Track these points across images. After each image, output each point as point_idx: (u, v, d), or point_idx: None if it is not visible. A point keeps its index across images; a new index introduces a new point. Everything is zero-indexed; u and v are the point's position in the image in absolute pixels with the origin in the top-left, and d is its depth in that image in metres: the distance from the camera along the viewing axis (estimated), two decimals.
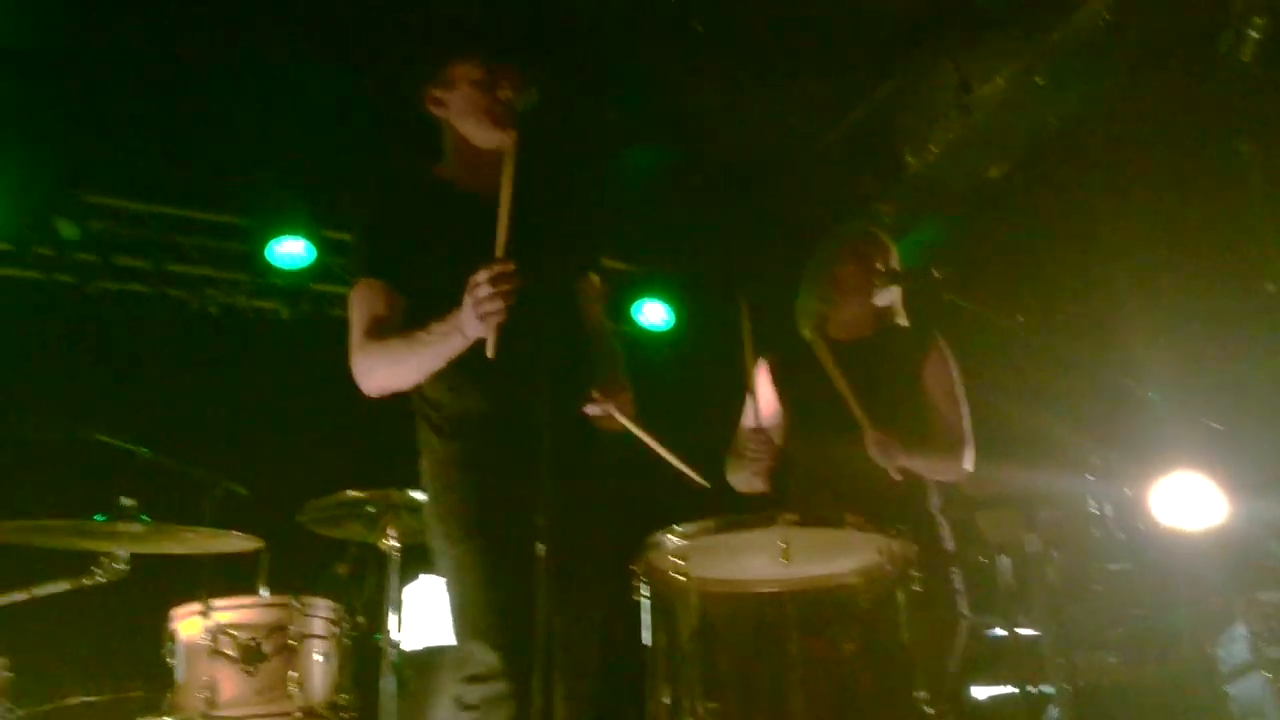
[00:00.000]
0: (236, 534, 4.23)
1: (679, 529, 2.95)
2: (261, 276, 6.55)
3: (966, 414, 3.79)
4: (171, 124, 5.74)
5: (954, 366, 3.83)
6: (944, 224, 6.19)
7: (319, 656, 4.08)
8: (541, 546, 2.59)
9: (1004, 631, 4.51)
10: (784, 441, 3.87)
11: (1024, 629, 4.48)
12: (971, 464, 3.76)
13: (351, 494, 4.34)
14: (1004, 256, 5.68)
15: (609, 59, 5.50)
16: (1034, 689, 4.33)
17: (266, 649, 3.97)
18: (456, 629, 2.87)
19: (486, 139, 3.05)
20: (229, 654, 3.93)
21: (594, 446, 3.00)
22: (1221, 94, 4.85)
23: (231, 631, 3.95)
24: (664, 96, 5.86)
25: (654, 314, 7.32)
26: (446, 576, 2.92)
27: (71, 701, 4.47)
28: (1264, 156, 4.83)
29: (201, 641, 3.93)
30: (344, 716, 4.11)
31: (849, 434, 3.62)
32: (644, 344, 7.38)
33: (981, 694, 4.67)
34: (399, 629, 4.40)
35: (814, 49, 5.57)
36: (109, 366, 6.04)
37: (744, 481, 3.82)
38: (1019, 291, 5.21)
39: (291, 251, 6.37)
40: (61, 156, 5.94)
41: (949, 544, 3.72)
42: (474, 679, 2.76)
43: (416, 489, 3.57)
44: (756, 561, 2.97)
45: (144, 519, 4.02)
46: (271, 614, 4.05)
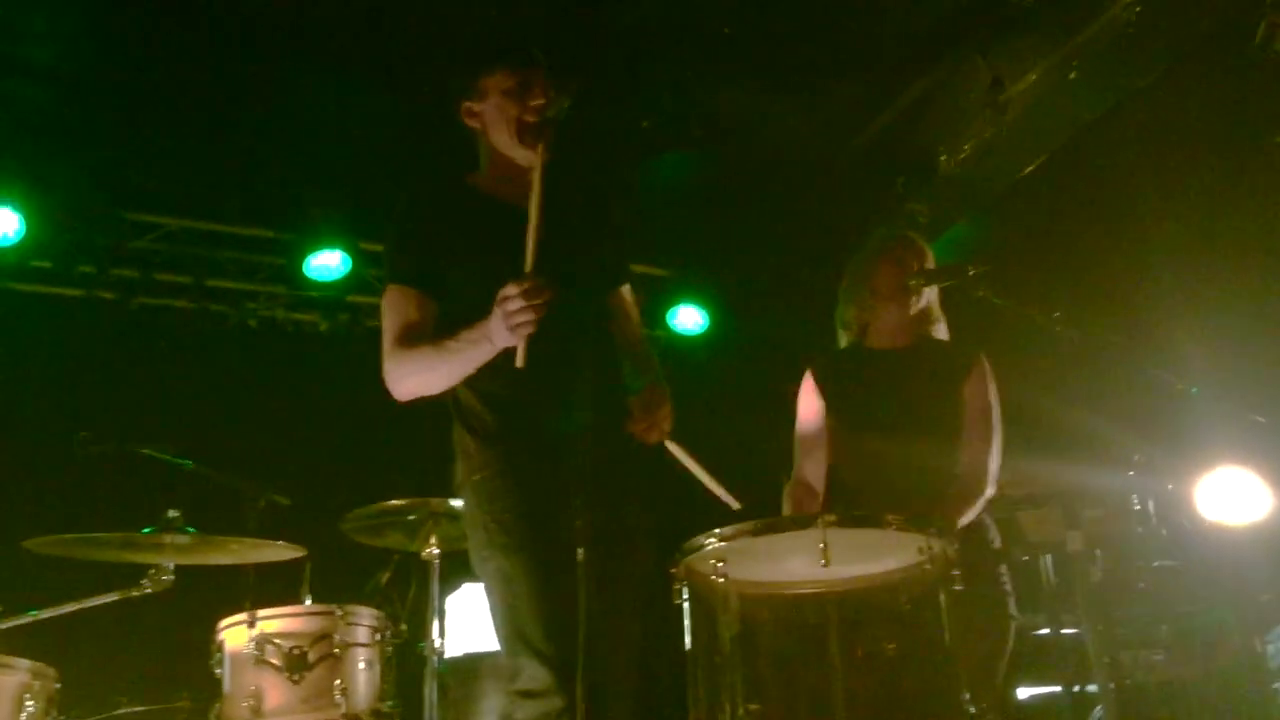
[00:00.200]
0: (280, 544, 4.27)
1: (718, 532, 2.95)
2: (299, 289, 6.62)
3: (998, 442, 3.72)
4: (208, 141, 5.82)
5: (994, 389, 3.77)
6: (979, 223, 6.16)
7: (363, 664, 4.10)
8: (580, 551, 2.60)
9: (1048, 631, 4.48)
10: (831, 446, 3.87)
11: (1068, 628, 4.44)
12: (994, 488, 3.71)
13: (393, 502, 4.37)
14: (1040, 253, 5.64)
15: (640, 65, 5.51)
16: (1079, 688, 4.29)
17: (311, 657, 3.99)
18: (505, 641, 2.87)
19: (517, 153, 3.07)
20: (274, 663, 3.96)
21: (630, 455, 3.01)
22: (1257, 87, 4.81)
23: (276, 641, 3.98)
24: (696, 101, 5.87)
25: (689, 319, 7.33)
26: (492, 586, 2.92)
27: (119, 712, 4.51)
28: None
29: (247, 651, 3.96)
30: None
31: (895, 437, 3.61)
32: (679, 348, 7.39)
33: (1025, 694, 4.65)
34: (441, 636, 4.43)
35: (845, 50, 5.56)
36: (152, 381, 6.12)
37: (798, 505, 3.82)
38: (1056, 288, 5.17)
39: (328, 264, 6.43)
40: (102, 175, 6.03)
41: (997, 542, 3.70)
42: (527, 695, 2.77)
43: (457, 497, 3.59)
44: (796, 563, 2.96)
45: (190, 530, 4.07)
46: (315, 623, 4.07)
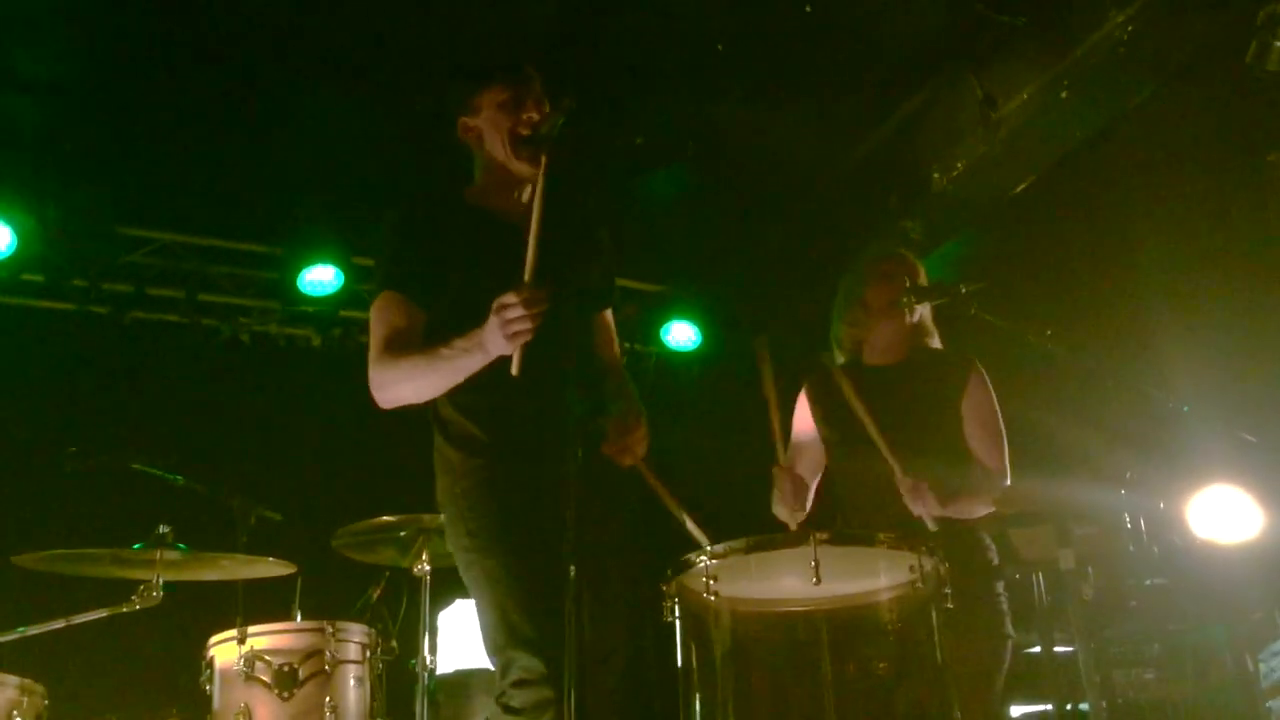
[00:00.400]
0: (271, 560, 4.26)
1: (710, 549, 2.95)
2: (292, 304, 6.61)
3: (1004, 445, 3.77)
4: (201, 155, 5.82)
5: (993, 394, 3.80)
6: (971, 240, 6.17)
7: (353, 681, 4.09)
8: (572, 566, 2.60)
9: (1040, 649, 4.47)
10: (830, 463, 3.89)
11: (1060, 646, 4.44)
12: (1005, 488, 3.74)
13: (384, 519, 4.36)
14: (1032, 271, 5.65)
15: (634, 82, 5.52)
16: (1071, 707, 4.29)
17: (301, 674, 3.98)
18: (494, 637, 2.87)
19: (513, 165, 3.09)
20: (264, 680, 3.95)
21: (614, 471, 3.02)
22: (1248, 105, 4.83)
23: (267, 657, 3.97)
24: (690, 117, 5.89)
25: (682, 334, 7.33)
26: (479, 589, 2.93)
27: None
28: None
29: (237, 668, 3.95)
30: None
31: (895, 453, 3.61)
32: (672, 364, 7.39)
33: (1018, 712, 4.64)
34: (432, 653, 4.42)
35: (838, 68, 5.58)
36: (144, 395, 6.12)
37: (788, 517, 3.82)
38: (1048, 306, 5.18)
39: (321, 279, 6.43)
40: (95, 189, 6.03)
41: (995, 560, 3.70)
42: (520, 684, 2.78)
43: (439, 511, 3.59)
44: (788, 581, 2.96)
45: (180, 546, 4.06)
46: (306, 639, 4.07)
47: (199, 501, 4.64)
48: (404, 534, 4.41)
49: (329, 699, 3.97)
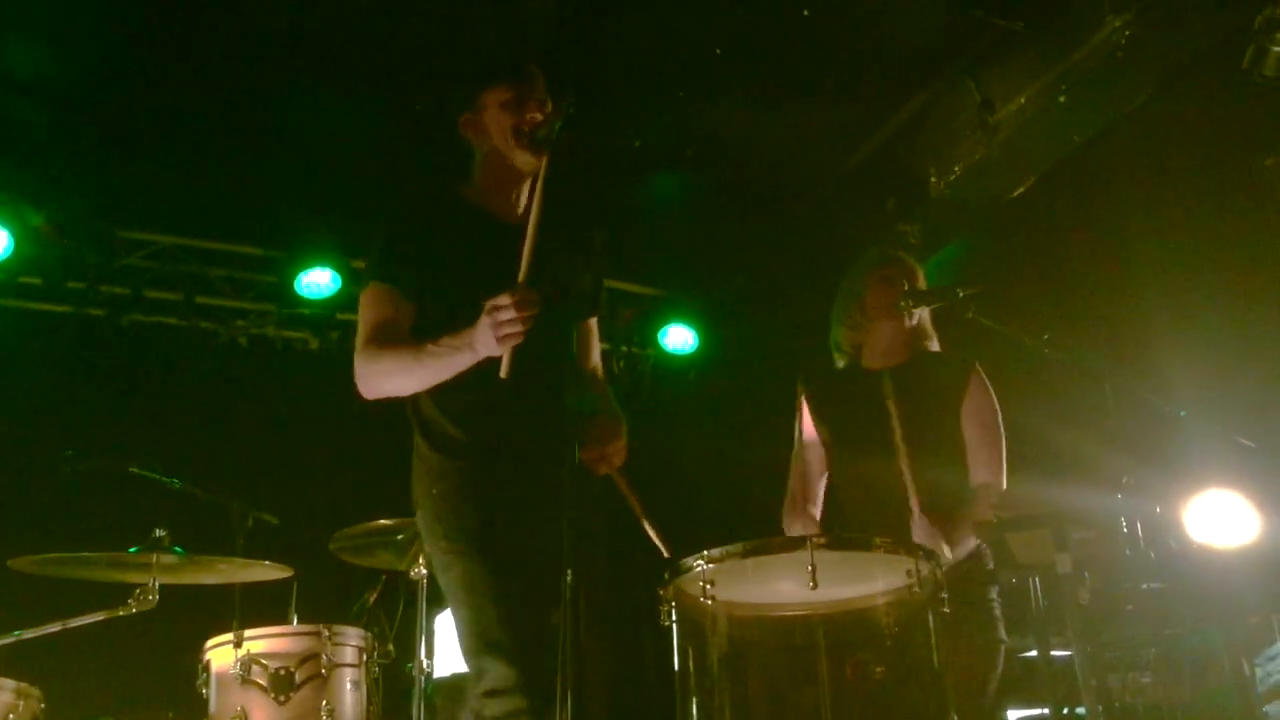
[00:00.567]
0: (267, 563, 4.26)
1: (707, 553, 2.94)
2: (290, 307, 6.61)
3: (1003, 449, 3.77)
4: (199, 158, 5.82)
5: (993, 397, 3.81)
6: (969, 244, 6.18)
7: (350, 685, 4.09)
8: (569, 570, 2.59)
9: (1036, 653, 4.47)
10: (831, 468, 3.90)
11: (1056, 650, 4.43)
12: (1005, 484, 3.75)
13: (381, 522, 4.36)
14: (1030, 275, 5.65)
15: (632, 86, 5.53)
16: (1067, 711, 4.28)
17: (298, 678, 3.98)
18: (469, 643, 2.87)
19: (515, 156, 3.10)
20: (260, 683, 3.94)
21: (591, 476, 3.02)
22: (1245, 110, 4.83)
23: (263, 661, 3.97)
24: (688, 121, 5.89)
25: (679, 338, 7.33)
26: (455, 593, 2.92)
27: None
28: None
29: (233, 671, 3.95)
30: None
31: (888, 457, 3.62)
32: (669, 368, 7.39)
33: (1014, 716, 4.63)
34: (429, 656, 4.41)
35: (836, 72, 5.58)
36: (140, 398, 6.11)
37: (800, 528, 3.82)
38: (1046, 310, 5.18)
39: (318, 282, 6.43)
40: (92, 191, 6.03)
41: (990, 564, 3.71)
42: (492, 694, 2.78)
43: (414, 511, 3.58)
44: (785, 585, 2.96)
45: (177, 550, 4.06)
46: (302, 643, 4.06)
47: (196, 505, 4.64)
48: (401, 538, 4.41)
49: (325, 702, 3.97)
